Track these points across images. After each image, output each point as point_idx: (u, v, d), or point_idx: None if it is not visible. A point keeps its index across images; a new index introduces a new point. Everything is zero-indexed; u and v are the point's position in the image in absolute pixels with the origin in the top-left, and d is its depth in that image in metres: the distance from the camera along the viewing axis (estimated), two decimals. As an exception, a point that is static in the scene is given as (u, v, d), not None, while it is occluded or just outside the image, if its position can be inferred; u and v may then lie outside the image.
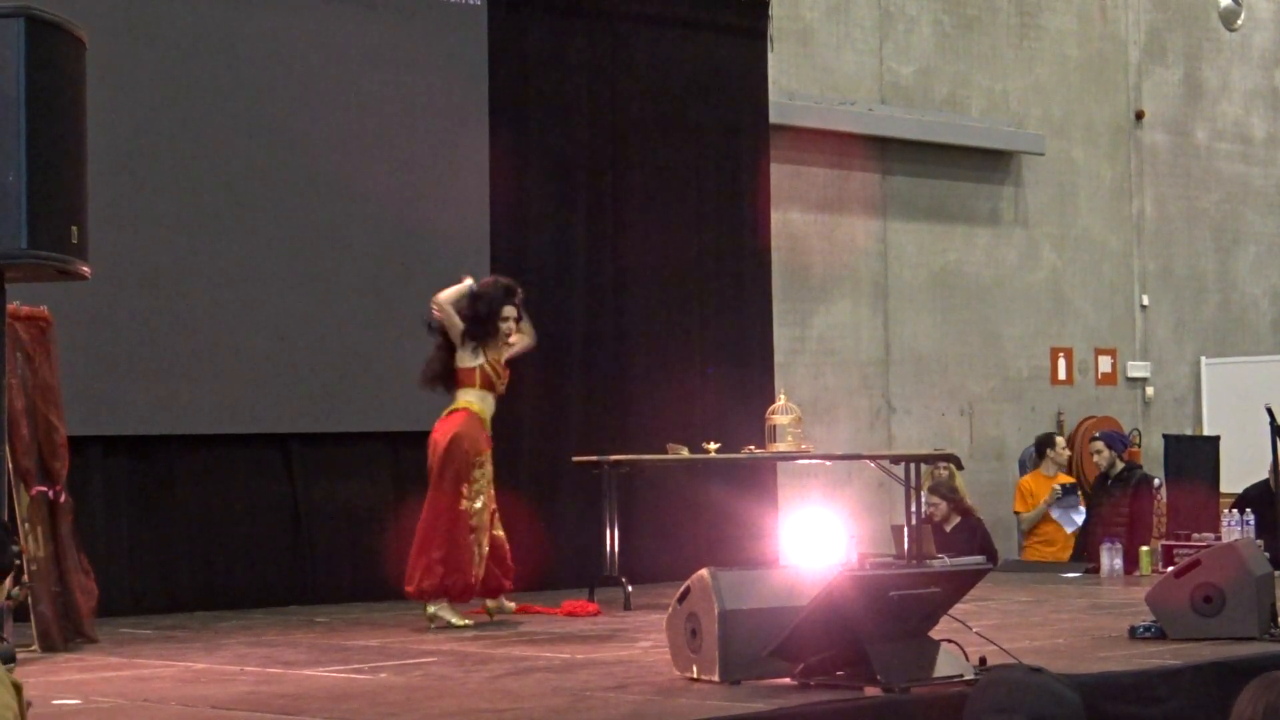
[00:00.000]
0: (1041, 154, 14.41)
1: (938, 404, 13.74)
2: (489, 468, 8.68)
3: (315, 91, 10.24)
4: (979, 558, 10.69)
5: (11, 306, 5.56)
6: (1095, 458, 12.09)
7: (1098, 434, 12.38)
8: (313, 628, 8.70)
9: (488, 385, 8.70)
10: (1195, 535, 10.44)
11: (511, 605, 8.91)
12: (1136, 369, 15.08)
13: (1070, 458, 13.27)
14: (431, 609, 8.50)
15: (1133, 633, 7.36)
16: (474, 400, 8.66)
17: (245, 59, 10.03)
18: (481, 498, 8.57)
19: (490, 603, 8.77)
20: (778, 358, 12.34)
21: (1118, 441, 12.09)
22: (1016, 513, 12.74)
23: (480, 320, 8.66)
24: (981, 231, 14.16)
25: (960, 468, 11.76)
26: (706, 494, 11.34)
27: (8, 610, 4.30)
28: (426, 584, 8.44)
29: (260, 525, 10.11)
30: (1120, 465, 11.86)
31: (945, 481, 11.74)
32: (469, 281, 8.73)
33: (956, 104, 14.04)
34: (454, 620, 8.49)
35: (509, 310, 8.72)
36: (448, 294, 8.66)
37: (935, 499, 11.45)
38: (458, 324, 8.63)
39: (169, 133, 9.75)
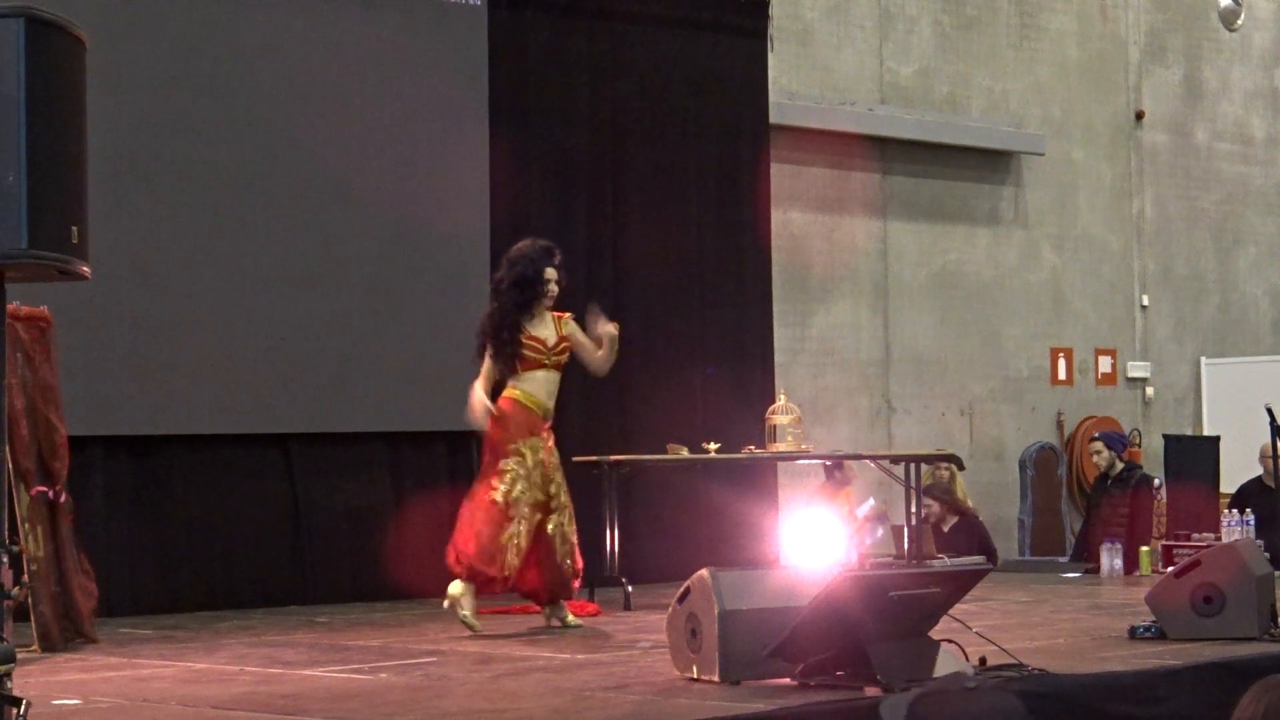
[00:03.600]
0: (1041, 154, 14.41)
1: (938, 404, 13.74)
2: (539, 455, 8.19)
3: (315, 91, 10.23)
4: (979, 558, 10.71)
5: (11, 306, 5.56)
6: (1095, 458, 12.11)
7: (1097, 434, 12.40)
8: (313, 628, 8.70)
9: (534, 365, 8.27)
10: (1195, 535, 10.47)
11: (573, 620, 8.42)
12: (1136, 369, 15.08)
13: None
14: (456, 590, 8.06)
15: (1133, 633, 7.37)
16: (517, 385, 8.28)
17: (245, 59, 10.03)
18: (519, 487, 8.11)
19: (545, 608, 8.43)
20: (778, 358, 12.34)
21: (1117, 442, 12.11)
22: None
23: (523, 285, 8.29)
24: (981, 231, 14.16)
25: (961, 468, 11.76)
26: (706, 494, 11.34)
27: (8, 610, 4.30)
28: (461, 560, 8.06)
29: (260, 525, 10.11)
30: (1120, 465, 11.87)
31: (939, 483, 11.74)
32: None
33: (956, 104, 14.04)
34: (467, 614, 8.01)
35: (550, 272, 8.35)
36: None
37: (928, 500, 11.45)
38: (488, 366, 8.30)
39: (169, 133, 9.75)
